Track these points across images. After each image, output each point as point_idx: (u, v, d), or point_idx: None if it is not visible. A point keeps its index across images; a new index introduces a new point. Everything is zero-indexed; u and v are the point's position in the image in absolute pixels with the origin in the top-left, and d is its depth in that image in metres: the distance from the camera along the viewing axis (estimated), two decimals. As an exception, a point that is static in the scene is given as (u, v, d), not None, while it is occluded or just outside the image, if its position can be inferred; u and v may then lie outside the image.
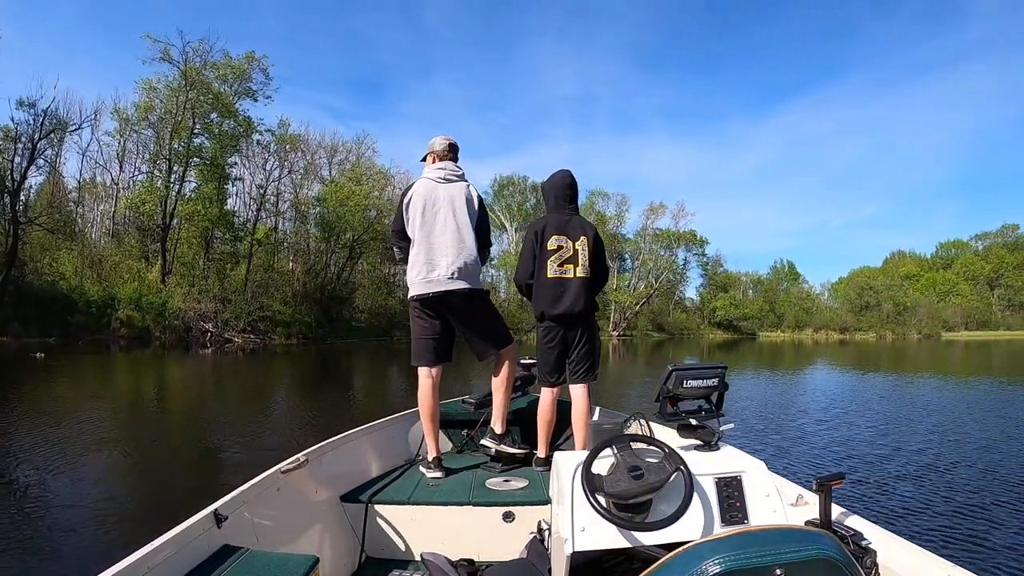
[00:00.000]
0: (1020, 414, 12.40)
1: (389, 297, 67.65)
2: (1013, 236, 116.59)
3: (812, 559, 1.47)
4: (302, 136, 61.22)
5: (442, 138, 4.68)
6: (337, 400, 15.33)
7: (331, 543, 3.56)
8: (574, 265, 4.44)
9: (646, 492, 2.24)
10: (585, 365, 4.51)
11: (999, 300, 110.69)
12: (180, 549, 2.41)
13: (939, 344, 66.40)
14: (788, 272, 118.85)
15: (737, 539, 1.54)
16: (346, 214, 56.66)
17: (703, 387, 2.74)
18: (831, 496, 2.36)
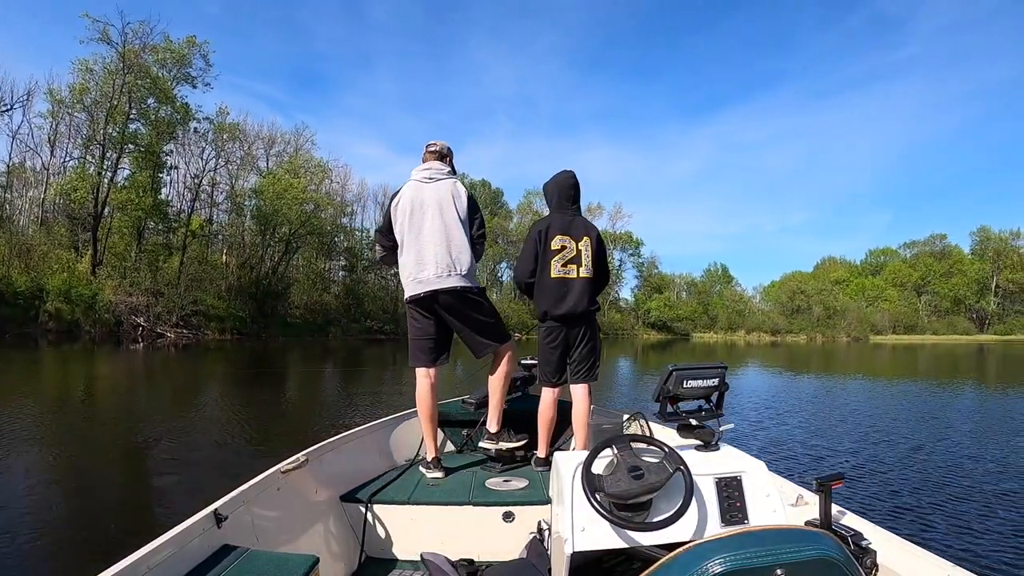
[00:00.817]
0: (1011, 416, 12.87)
1: (325, 293, 68.14)
2: (940, 245, 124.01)
3: (812, 559, 1.50)
4: (240, 125, 60.71)
5: (429, 143, 4.73)
6: (273, 401, 15.05)
7: (331, 543, 3.60)
8: (577, 265, 4.48)
9: (646, 492, 2.25)
10: (586, 365, 4.55)
11: (925, 306, 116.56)
12: (180, 549, 2.44)
13: (867, 347, 69.40)
14: (721, 275, 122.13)
15: (737, 539, 1.56)
16: (283, 207, 56.50)
17: (703, 387, 2.72)
18: (831, 496, 2.40)
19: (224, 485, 2.95)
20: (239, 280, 56.58)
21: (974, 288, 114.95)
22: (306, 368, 23.60)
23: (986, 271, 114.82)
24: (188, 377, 21.17)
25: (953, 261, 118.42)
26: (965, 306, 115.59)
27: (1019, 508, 6.35)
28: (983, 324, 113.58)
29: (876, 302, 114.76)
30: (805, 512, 2.74)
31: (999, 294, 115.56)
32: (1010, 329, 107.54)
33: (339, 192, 71.99)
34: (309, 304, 63.62)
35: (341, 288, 70.93)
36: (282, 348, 39.77)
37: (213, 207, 61.72)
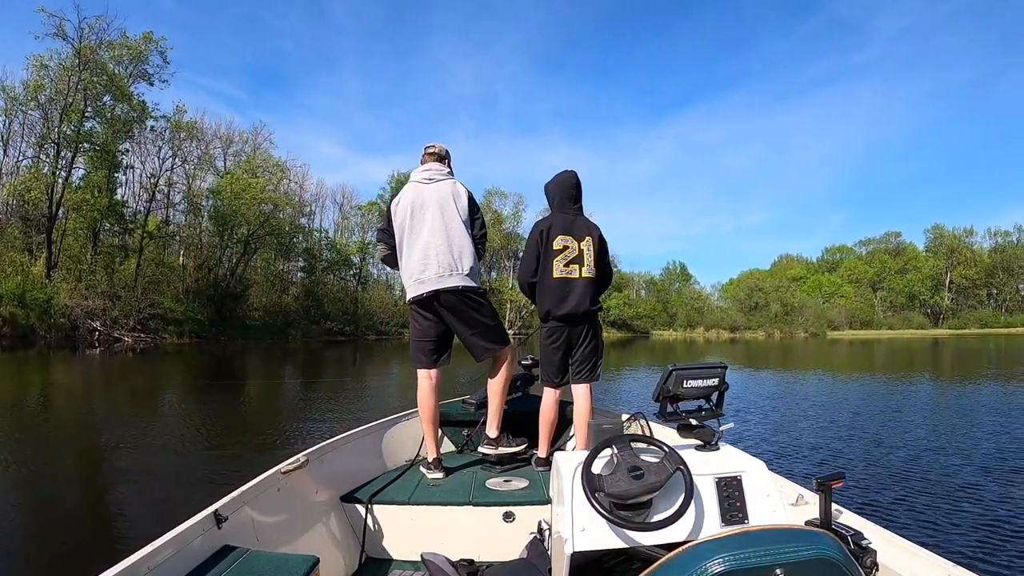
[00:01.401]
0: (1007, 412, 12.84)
1: (284, 295, 68.12)
2: (895, 243, 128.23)
3: (812, 559, 1.51)
4: (197, 124, 60.32)
5: (427, 145, 4.78)
6: (233, 406, 14.90)
7: (331, 543, 3.63)
8: (580, 265, 4.48)
9: (646, 492, 2.27)
10: (588, 365, 4.57)
11: (881, 302, 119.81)
12: (180, 549, 2.48)
13: (825, 342, 70.86)
14: (680, 273, 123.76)
15: (737, 539, 1.58)
16: (241, 207, 56.41)
17: (703, 387, 2.72)
18: (831, 496, 2.41)
19: (189, 496, 2.83)
20: (197, 282, 56.50)
21: (928, 284, 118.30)
22: (268, 380, 23.19)
23: (940, 267, 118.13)
24: (146, 383, 20.87)
25: (908, 258, 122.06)
26: (919, 301, 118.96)
27: (1019, 508, 6.42)
28: (937, 319, 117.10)
29: (833, 298, 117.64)
30: (805, 512, 2.77)
31: (952, 290, 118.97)
32: (963, 323, 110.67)
33: (297, 192, 71.96)
34: (268, 306, 63.66)
35: (300, 290, 70.95)
36: (242, 351, 39.75)
37: (170, 208, 61.41)
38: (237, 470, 7.39)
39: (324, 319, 66.73)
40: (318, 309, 67.66)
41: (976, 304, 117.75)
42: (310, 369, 27.45)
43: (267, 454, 8.67)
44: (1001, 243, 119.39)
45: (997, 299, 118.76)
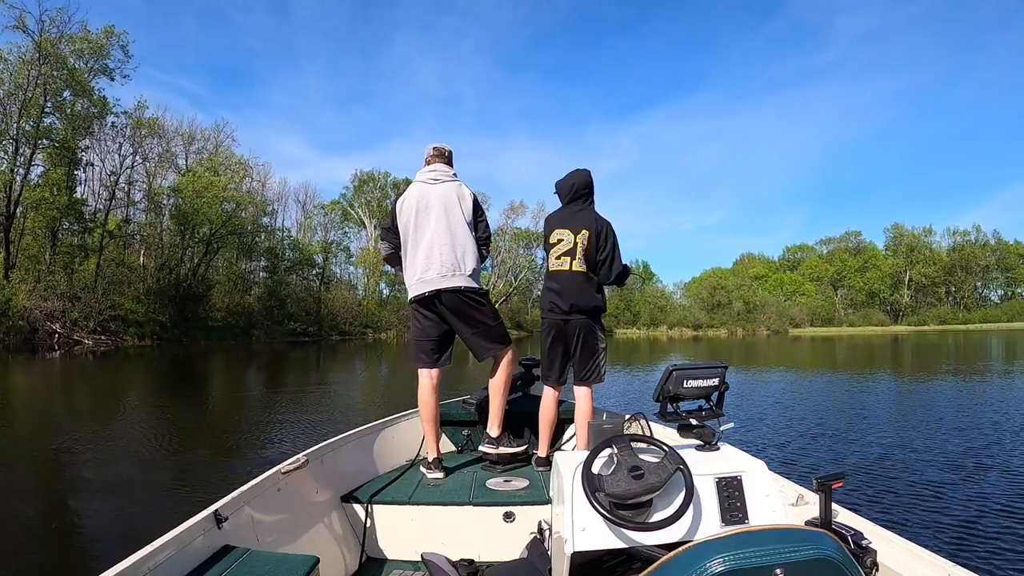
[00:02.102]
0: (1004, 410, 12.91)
1: (246, 295, 68.04)
2: (855, 242, 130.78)
3: (812, 559, 1.53)
4: (159, 120, 59.49)
5: (429, 146, 4.91)
6: (195, 410, 14.78)
7: (332, 543, 3.66)
8: (571, 258, 4.51)
9: (646, 492, 2.31)
10: (588, 366, 4.59)
11: (842, 299, 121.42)
12: (180, 549, 2.50)
13: (787, 339, 72.67)
14: (643, 272, 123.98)
15: (737, 539, 1.59)
16: (203, 206, 56.19)
17: (703, 387, 2.76)
18: (831, 496, 2.43)
19: (146, 507, 2.67)
20: (158, 282, 56.22)
21: (888, 282, 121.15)
22: (231, 383, 23.04)
23: (899, 266, 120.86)
24: (107, 387, 20.59)
25: (868, 256, 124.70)
26: (879, 299, 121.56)
27: (1019, 507, 6.50)
28: (897, 316, 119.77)
29: (794, 296, 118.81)
30: (805, 512, 2.80)
31: (912, 287, 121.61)
32: (923, 320, 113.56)
33: (260, 191, 71.55)
34: (231, 307, 63.49)
35: (263, 290, 70.71)
36: (204, 353, 39.73)
37: (130, 206, 60.58)
38: (198, 479, 7.66)
39: (287, 319, 66.56)
40: (281, 309, 67.49)
41: (935, 301, 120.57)
42: (274, 371, 27.39)
43: (232, 461, 8.81)
44: (960, 242, 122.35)
45: (955, 296, 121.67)
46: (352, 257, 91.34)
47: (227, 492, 3.04)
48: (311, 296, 74.31)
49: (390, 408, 6.14)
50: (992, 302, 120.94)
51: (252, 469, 7.32)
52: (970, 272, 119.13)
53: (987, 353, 34.02)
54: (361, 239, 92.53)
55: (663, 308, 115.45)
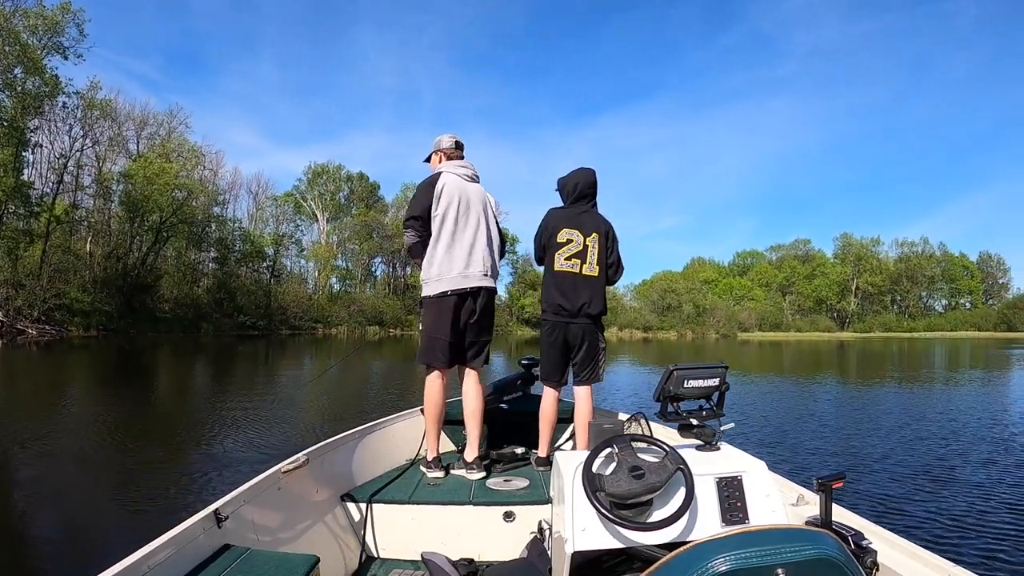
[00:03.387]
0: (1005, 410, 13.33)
1: (195, 287, 67.35)
2: (804, 249, 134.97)
3: (813, 559, 1.51)
4: (111, 103, 57.89)
5: (449, 136, 4.83)
6: (141, 407, 14.05)
7: (332, 543, 3.67)
8: (582, 261, 4.56)
9: (647, 492, 2.31)
10: (588, 366, 4.63)
11: (790, 305, 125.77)
12: (180, 549, 2.50)
13: (735, 343, 74.85)
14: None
15: (738, 539, 1.58)
16: (154, 193, 55.15)
17: (704, 387, 2.79)
18: (832, 496, 2.42)
19: (77, 509, 2.69)
20: (105, 271, 55.15)
21: (835, 289, 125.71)
22: (179, 378, 22.02)
23: (847, 274, 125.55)
24: (50, 380, 19.65)
25: (816, 264, 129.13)
26: (827, 306, 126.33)
27: (1019, 507, 6.56)
28: (843, 322, 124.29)
29: (743, 301, 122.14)
30: (806, 512, 2.82)
31: (858, 295, 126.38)
32: (868, 327, 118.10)
33: (211, 179, 70.98)
34: (179, 298, 62.70)
35: (212, 281, 70.12)
36: (151, 346, 39.16)
37: (79, 191, 59.02)
38: (132, 481, 7.42)
39: (237, 312, 66.05)
40: (231, 302, 66.99)
41: (880, 309, 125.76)
42: (223, 367, 26.88)
43: (174, 463, 8.49)
44: (907, 253, 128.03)
45: (901, 305, 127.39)
46: (304, 250, 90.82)
47: (227, 492, 3.04)
48: (261, 289, 73.84)
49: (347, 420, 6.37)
50: (936, 311, 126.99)
51: (185, 475, 7.54)
52: (916, 282, 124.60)
53: (931, 360, 35.42)
54: (313, 232, 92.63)
55: (613, 310, 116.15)
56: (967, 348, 54.76)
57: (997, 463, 8.64)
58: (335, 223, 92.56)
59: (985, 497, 6.96)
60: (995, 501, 6.81)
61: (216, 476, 7.50)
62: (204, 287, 68.22)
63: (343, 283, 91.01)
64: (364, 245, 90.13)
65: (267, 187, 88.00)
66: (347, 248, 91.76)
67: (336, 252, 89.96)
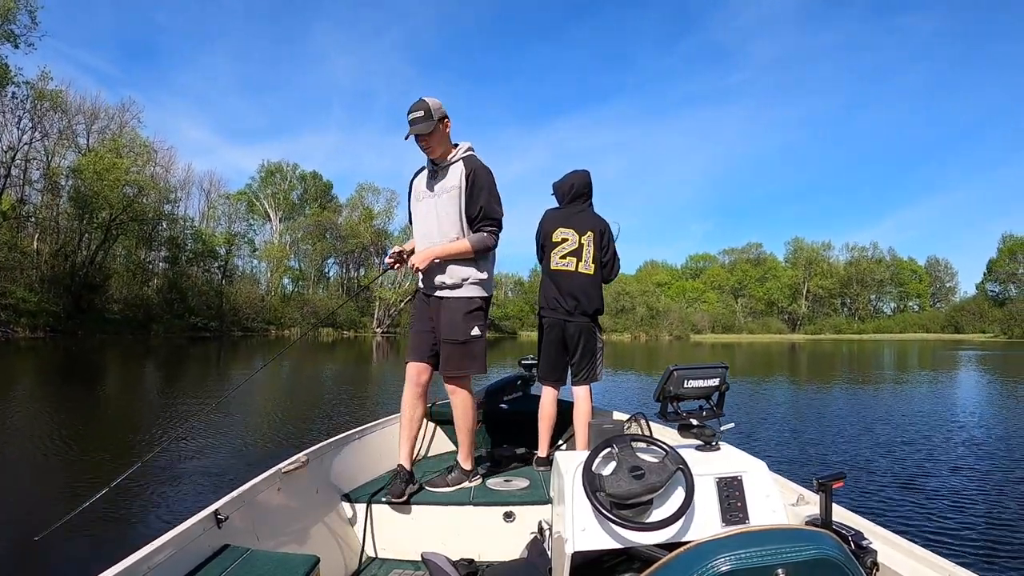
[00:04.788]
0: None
1: (145, 286, 66.21)
2: (756, 253, 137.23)
3: (813, 559, 1.52)
4: (62, 94, 56.23)
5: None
6: (90, 412, 13.48)
7: (332, 543, 3.67)
8: (577, 259, 4.66)
9: (647, 492, 2.33)
10: (586, 365, 4.70)
11: (742, 308, 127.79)
12: (180, 549, 2.51)
13: (688, 344, 75.73)
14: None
15: (738, 539, 1.59)
16: (104, 189, 53.96)
17: (704, 387, 2.81)
18: (832, 496, 2.40)
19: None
20: (53, 270, 53.81)
21: (787, 292, 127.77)
22: (129, 381, 21.23)
23: (798, 277, 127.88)
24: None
25: (768, 268, 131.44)
26: (778, 308, 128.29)
27: (1019, 507, 6.62)
28: (794, 325, 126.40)
29: (696, 303, 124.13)
30: (806, 512, 2.83)
31: (809, 298, 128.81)
32: (819, 329, 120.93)
33: (163, 176, 69.57)
34: (129, 298, 61.44)
35: (163, 281, 68.82)
36: (100, 347, 38.52)
37: (27, 186, 57.88)
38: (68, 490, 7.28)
39: (188, 314, 64.97)
40: (182, 303, 65.91)
41: (831, 312, 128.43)
42: (173, 370, 26.05)
43: (109, 468, 8.15)
44: (856, 257, 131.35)
45: (851, 308, 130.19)
46: (256, 250, 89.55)
47: (227, 492, 3.04)
48: (213, 289, 72.80)
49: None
50: (885, 314, 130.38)
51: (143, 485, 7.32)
52: (865, 285, 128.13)
53: (880, 362, 36.68)
54: (266, 232, 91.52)
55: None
56: (915, 349, 56.42)
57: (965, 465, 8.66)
58: (288, 223, 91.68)
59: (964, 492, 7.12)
60: (981, 497, 6.93)
61: (153, 491, 7.21)
62: (155, 287, 66.96)
63: (296, 284, 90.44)
64: (317, 245, 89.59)
65: (220, 185, 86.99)
66: (300, 248, 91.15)
67: (289, 252, 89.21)
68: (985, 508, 6.59)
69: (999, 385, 21.84)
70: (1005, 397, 17.94)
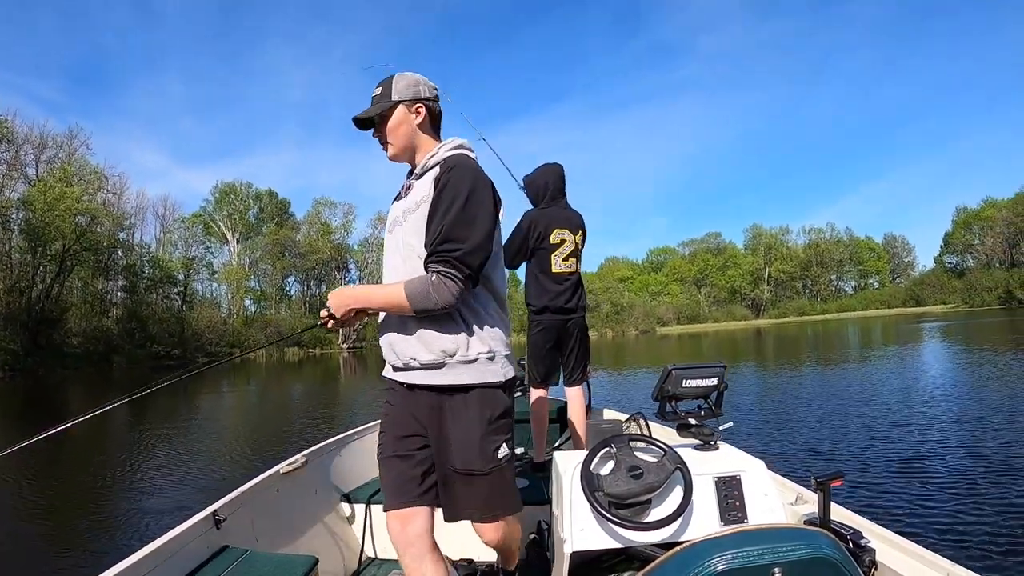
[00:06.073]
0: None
1: (105, 317, 64.79)
2: (716, 242, 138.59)
3: (810, 558, 1.56)
4: (8, 124, 55.37)
5: (429, 83, 2.98)
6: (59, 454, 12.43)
7: (331, 544, 3.69)
8: (576, 260, 4.74)
9: (645, 492, 2.33)
10: (581, 365, 4.80)
11: (705, 297, 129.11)
12: (180, 550, 2.53)
13: (655, 338, 77.50)
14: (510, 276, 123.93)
15: (735, 538, 1.63)
16: (56, 220, 52.90)
17: (702, 386, 2.79)
18: (830, 495, 2.43)
19: None
20: (8, 307, 52.31)
21: (748, 279, 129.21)
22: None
23: (759, 263, 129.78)
24: None
25: (728, 256, 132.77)
26: (741, 295, 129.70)
27: (1019, 508, 6.44)
28: (758, 310, 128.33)
29: (659, 296, 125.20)
30: (804, 511, 2.85)
31: (771, 283, 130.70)
32: (783, 313, 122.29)
33: (116, 203, 68.14)
34: (88, 331, 60.03)
35: (122, 311, 67.40)
36: (61, 383, 37.69)
37: None
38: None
39: (149, 342, 63.66)
40: (142, 332, 64.48)
41: (793, 295, 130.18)
42: (137, 401, 24.21)
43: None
44: (815, 239, 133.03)
45: (812, 289, 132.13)
46: (215, 273, 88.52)
47: (226, 493, 3.06)
48: (173, 316, 71.46)
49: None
50: (846, 293, 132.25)
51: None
52: (825, 266, 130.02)
53: (845, 341, 36.91)
54: (224, 254, 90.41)
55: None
56: (879, 326, 57.59)
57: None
58: (246, 243, 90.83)
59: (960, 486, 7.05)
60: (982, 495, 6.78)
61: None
62: (114, 317, 65.52)
63: (258, 305, 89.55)
64: (277, 264, 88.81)
65: (174, 209, 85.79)
66: (260, 268, 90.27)
67: (249, 273, 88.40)
68: (983, 505, 6.50)
69: (977, 355, 21.69)
70: (991, 369, 17.51)
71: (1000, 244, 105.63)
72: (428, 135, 2.68)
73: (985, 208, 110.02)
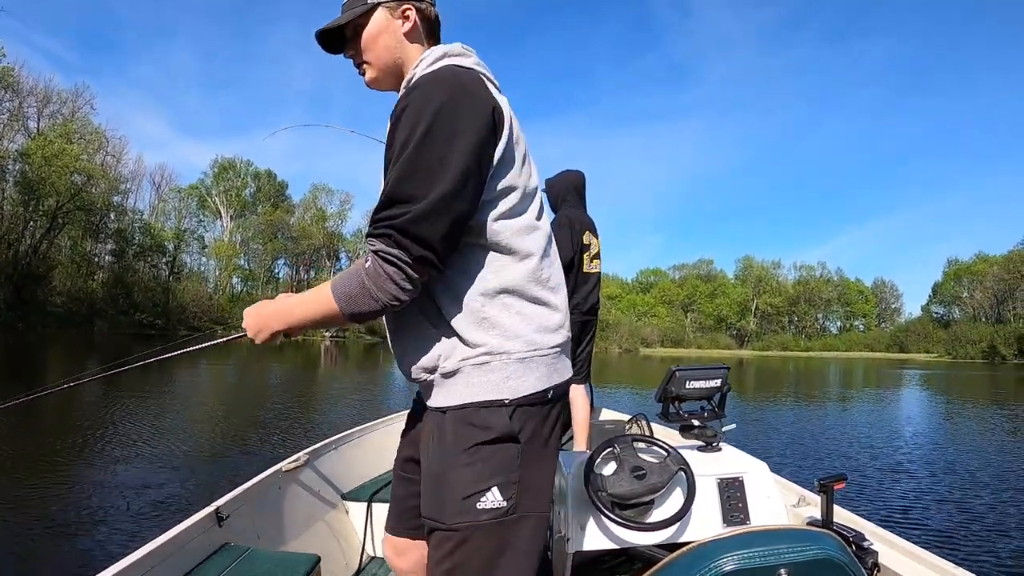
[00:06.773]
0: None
1: (90, 280, 64.16)
2: (707, 269, 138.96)
3: (815, 559, 1.57)
4: (13, 72, 54.53)
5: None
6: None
7: (333, 542, 3.69)
8: (599, 262, 4.93)
9: (648, 492, 2.33)
10: (588, 363, 4.87)
11: (692, 322, 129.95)
12: (181, 548, 2.53)
13: (638, 358, 75.57)
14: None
15: (741, 539, 1.65)
16: (52, 175, 52.59)
17: (705, 388, 2.80)
18: (833, 497, 2.44)
19: None
20: None
21: (736, 309, 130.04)
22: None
23: (747, 294, 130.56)
24: None
25: (718, 284, 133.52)
26: (727, 324, 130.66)
27: (1019, 508, 6.71)
28: (743, 340, 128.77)
29: (646, 317, 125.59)
30: (807, 513, 2.86)
31: (758, 315, 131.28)
32: (767, 346, 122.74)
33: (113, 166, 67.69)
34: (72, 291, 59.59)
35: (108, 275, 66.94)
36: (41, 342, 37.28)
37: None
38: None
39: (133, 310, 63.26)
40: (127, 298, 64.22)
41: (778, 329, 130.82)
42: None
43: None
44: (805, 276, 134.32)
45: (798, 325, 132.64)
46: (206, 247, 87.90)
47: (228, 490, 3.06)
48: (160, 286, 71.24)
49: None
50: (831, 332, 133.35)
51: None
52: (813, 304, 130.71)
53: (826, 379, 37.27)
54: (216, 229, 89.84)
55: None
56: (861, 368, 57.86)
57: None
58: (239, 221, 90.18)
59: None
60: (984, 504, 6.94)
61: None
62: (100, 281, 65.03)
63: (245, 284, 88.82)
64: (268, 245, 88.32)
65: (171, 178, 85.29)
66: (251, 248, 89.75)
67: (239, 251, 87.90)
68: (987, 509, 6.65)
69: (967, 404, 21.88)
70: (977, 414, 17.90)
71: (988, 299, 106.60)
72: (410, 44, 1.84)
73: (977, 262, 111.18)
